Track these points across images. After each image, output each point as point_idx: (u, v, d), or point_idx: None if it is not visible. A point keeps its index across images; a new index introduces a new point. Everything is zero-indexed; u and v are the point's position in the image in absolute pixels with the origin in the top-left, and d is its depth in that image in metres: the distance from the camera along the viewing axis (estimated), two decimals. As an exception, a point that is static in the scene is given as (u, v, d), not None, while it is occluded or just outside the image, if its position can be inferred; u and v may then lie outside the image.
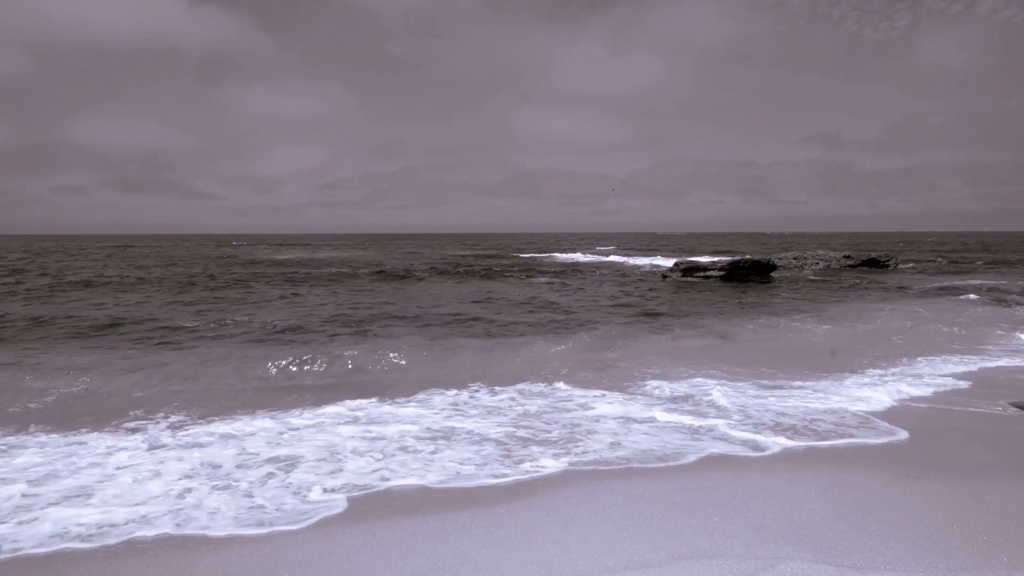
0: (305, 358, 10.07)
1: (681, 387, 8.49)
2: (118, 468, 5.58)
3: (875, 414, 7.30)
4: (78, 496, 5.04)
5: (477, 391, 8.32)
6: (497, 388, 8.46)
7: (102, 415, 7.30)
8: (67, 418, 7.20)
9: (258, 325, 14.06)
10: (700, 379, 8.95)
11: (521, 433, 6.63)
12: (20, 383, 8.62)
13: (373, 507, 4.91)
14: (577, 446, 6.21)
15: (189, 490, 5.14)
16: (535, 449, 6.13)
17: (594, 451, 6.07)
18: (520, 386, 8.57)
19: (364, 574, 3.96)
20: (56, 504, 4.88)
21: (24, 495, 5.04)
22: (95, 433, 6.63)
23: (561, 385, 8.62)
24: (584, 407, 7.55)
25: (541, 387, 8.51)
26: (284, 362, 9.92)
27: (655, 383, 8.71)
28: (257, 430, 6.70)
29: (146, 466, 5.63)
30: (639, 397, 8.03)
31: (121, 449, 6.07)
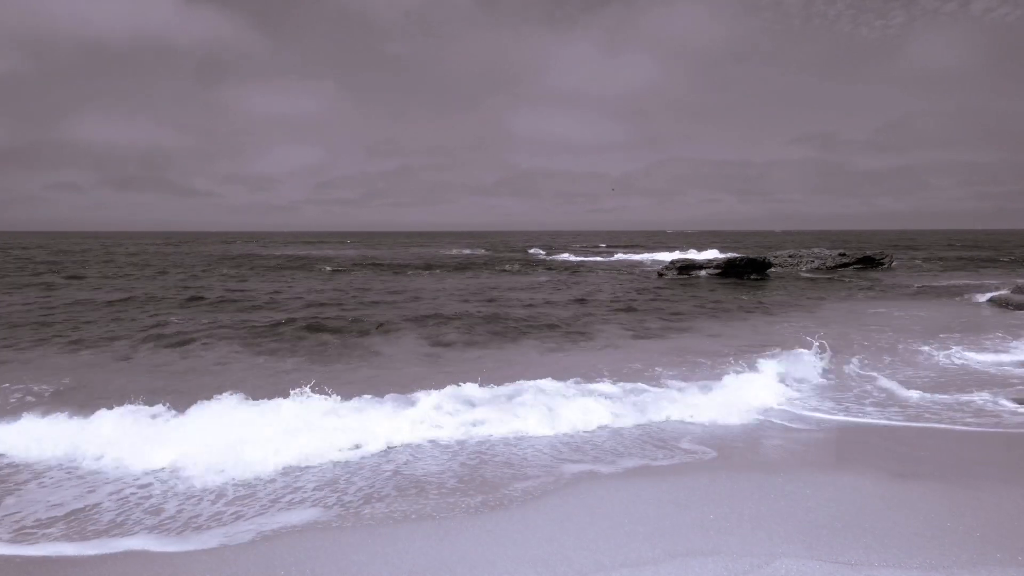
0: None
1: (658, 383, 8.55)
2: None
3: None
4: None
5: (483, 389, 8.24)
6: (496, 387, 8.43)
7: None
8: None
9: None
10: (678, 378, 9.02)
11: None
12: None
13: (368, 503, 4.91)
14: (567, 445, 6.22)
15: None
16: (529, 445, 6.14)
17: (585, 448, 6.10)
18: (514, 385, 8.54)
19: (361, 572, 3.96)
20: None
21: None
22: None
23: (549, 384, 8.57)
24: (573, 403, 7.54)
25: (524, 384, 8.44)
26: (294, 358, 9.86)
27: (629, 380, 8.75)
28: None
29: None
30: (627, 393, 8.03)
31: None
